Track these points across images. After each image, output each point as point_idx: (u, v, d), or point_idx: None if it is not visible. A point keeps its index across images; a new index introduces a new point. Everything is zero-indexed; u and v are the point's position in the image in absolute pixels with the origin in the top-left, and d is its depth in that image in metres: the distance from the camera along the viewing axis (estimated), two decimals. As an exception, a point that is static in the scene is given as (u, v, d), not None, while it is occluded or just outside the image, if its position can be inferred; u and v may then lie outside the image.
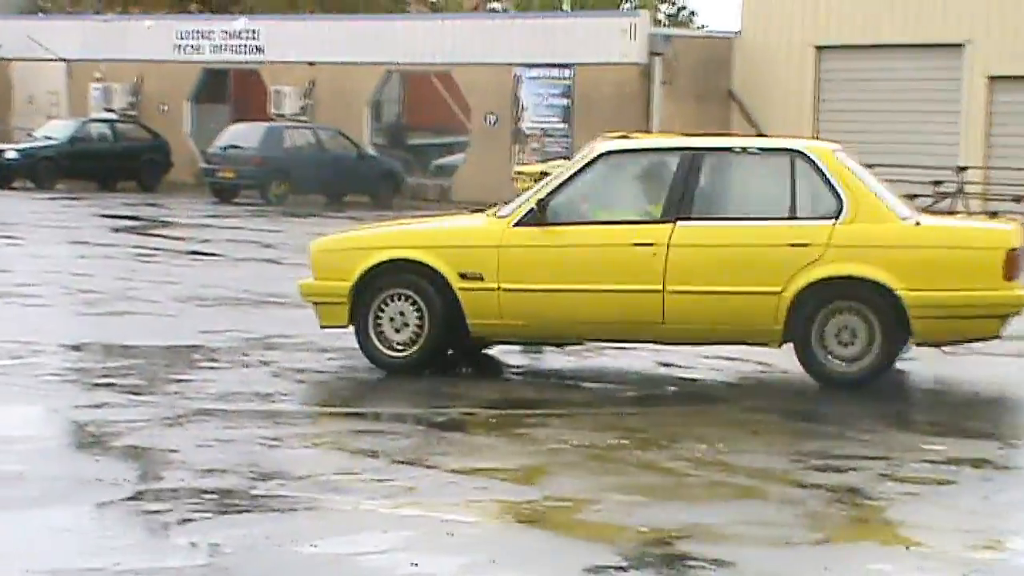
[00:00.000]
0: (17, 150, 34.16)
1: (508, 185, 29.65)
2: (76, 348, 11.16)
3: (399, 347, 10.07)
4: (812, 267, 9.57)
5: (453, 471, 7.37)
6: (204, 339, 11.61)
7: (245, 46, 36.78)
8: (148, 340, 11.61)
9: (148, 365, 10.53)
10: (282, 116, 34.95)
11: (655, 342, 10.31)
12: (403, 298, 10.03)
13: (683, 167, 9.92)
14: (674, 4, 58.49)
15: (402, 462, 7.57)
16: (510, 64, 33.02)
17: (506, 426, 8.60)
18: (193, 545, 6.01)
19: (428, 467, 7.44)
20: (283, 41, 36.24)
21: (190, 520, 6.43)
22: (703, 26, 56.59)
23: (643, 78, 31.63)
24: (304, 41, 35.99)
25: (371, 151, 33.90)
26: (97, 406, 8.85)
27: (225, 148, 31.73)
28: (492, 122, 33.15)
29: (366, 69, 34.96)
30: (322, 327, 10.43)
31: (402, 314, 10.02)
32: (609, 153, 10.23)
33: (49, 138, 34.61)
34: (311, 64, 35.61)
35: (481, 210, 10.79)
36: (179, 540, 6.13)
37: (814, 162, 9.85)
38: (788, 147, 10.12)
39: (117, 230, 22.40)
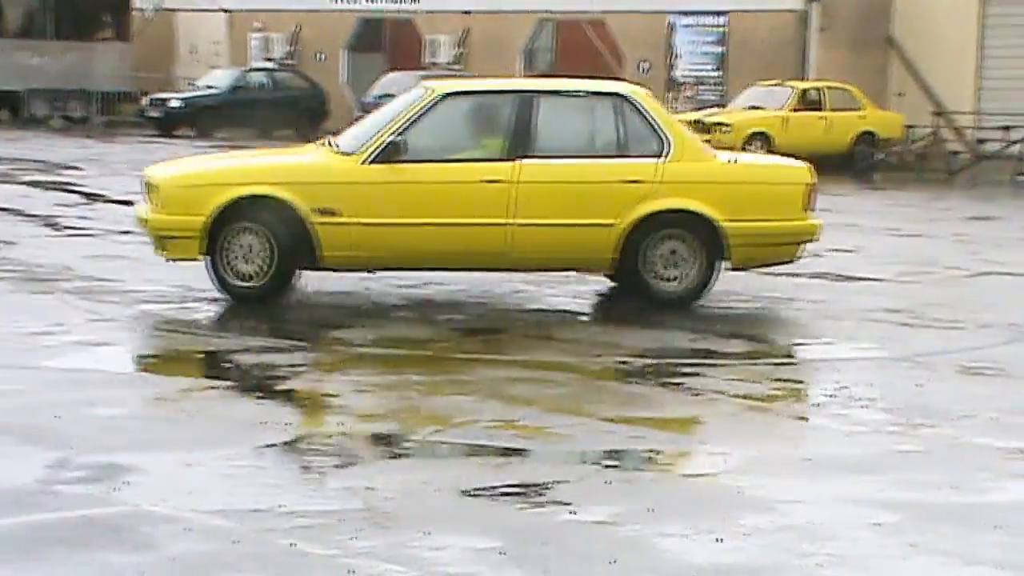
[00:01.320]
0: (180, 99, 34.81)
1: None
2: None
3: (247, 278, 10.56)
4: (644, 201, 10.50)
5: (608, 419, 7.38)
6: (362, 287, 11.74)
7: (400, -6, 36.93)
8: (310, 285, 11.78)
9: (311, 311, 10.69)
10: (436, 65, 35.09)
11: (500, 270, 11.02)
12: (252, 231, 10.47)
13: (520, 108, 10.70)
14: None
15: (557, 410, 7.59)
16: (664, 11, 32.73)
17: (661, 375, 8.59)
18: (352, 489, 6.11)
19: (583, 415, 7.46)
20: (438, -11, 36.32)
21: (350, 464, 6.53)
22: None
23: (799, 24, 31.14)
24: (458, -11, 36.03)
25: (524, 99, 33.89)
26: (259, 350, 9.02)
27: (380, 97, 31.91)
28: (645, 70, 32.91)
29: (519, 17, 34.91)
30: (168, 260, 10.80)
31: (251, 247, 10.50)
32: (448, 95, 10.87)
33: (210, 87, 35.21)
34: (465, 13, 35.67)
35: (311, 142, 11.21)
36: (339, 484, 6.23)
37: (637, 105, 10.79)
38: (613, 91, 11.01)
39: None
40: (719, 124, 27.50)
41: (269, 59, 37.95)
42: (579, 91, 11.05)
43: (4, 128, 33.16)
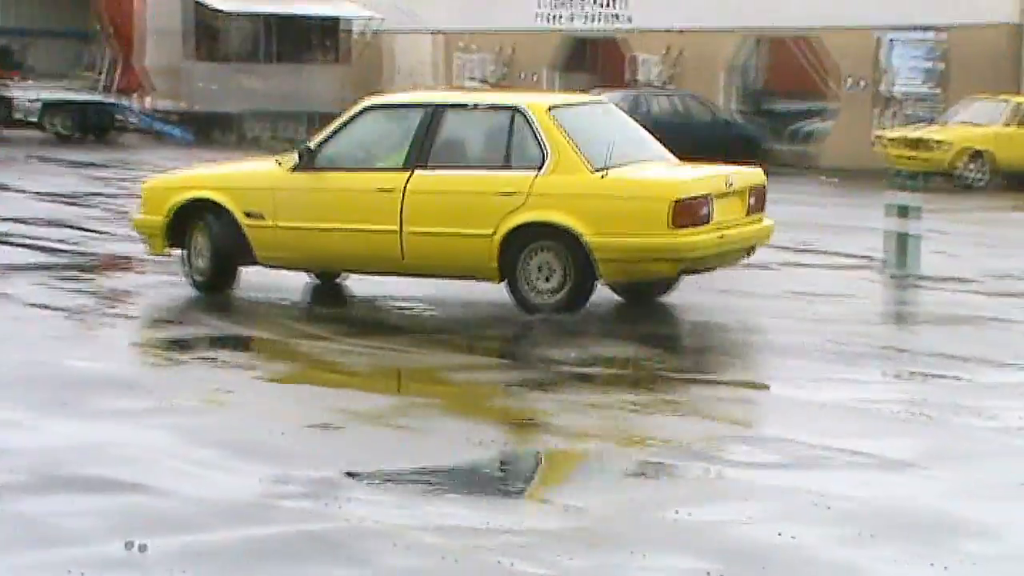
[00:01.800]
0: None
1: (869, 151, 28.96)
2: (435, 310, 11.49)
3: (199, 273, 11.60)
4: (515, 213, 10.64)
5: (823, 447, 7.27)
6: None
7: (609, 14, 37.03)
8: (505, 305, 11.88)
9: (520, 330, 10.76)
10: (643, 83, 35.07)
11: (398, 275, 11.46)
12: (202, 231, 11.53)
13: (425, 121, 11.17)
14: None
15: (767, 435, 7.51)
16: (875, 27, 32.18)
17: (886, 402, 8.43)
18: (564, 507, 6.12)
19: (792, 440, 7.35)
20: (646, 9, 36.29)
21: (561, 483, 6.55)
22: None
23: (1015, 38, 30.33)
24: (667, 8, 35.96)
25: (731, 117, 33.66)
26: (467, 368, 9.11)
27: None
28: (855, 87, 32.40)
29: (727, 35, 34.69)
30: (151, 254, 12.03)
31: (201, 245, 11.55)
32: (371, 107, 11.65)
33: (419, 107, 35.71)
34: (673, 31, 35.57)
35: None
36: (550, 501, 6.25)
37: (528, 117, 10.90)
38: (509, 104, 11.21)
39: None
40: (934, 141, 26.92)
41: (478, 80, 38.37)
42: (480, 104, 11.40)
43: (223, 150, 34.13)
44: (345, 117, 11.60)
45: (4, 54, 35.56)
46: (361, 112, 11.56)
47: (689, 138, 31.19)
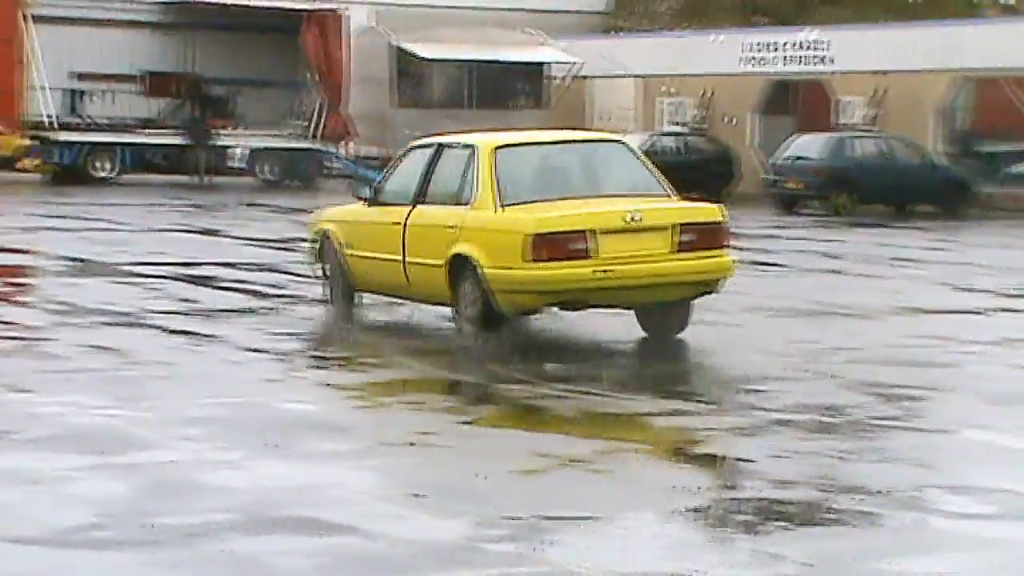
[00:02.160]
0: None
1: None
2: (648, 355, 11.47)
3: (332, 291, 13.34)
4: (453, 245, 11.57)
5: (1005, 490, 7.08)
6: (779, 350, 11.66)
7: (811, 57, 36.70)
8: (719, 351, 11.80)
9: (720, 375, 10.69)
10: (847, 126, 34.65)
11: (414, 300, 12.66)
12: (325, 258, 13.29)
13: (431, 159, 12.35)
14: None
15: (975, 485, 7.33)
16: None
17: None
18: (767, 556, 6.06)
19: (1001, 490, 7.16)
20: (850, 50, 35.89)
21: (766, 532, 6.48)
22: None
23: None
24: (872, 50, 35.51)
25: (939, 159, 33.02)
26: (671, 414, 9.08)
27: (791, 159, 31.78)
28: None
29: (935, 76, 34.09)
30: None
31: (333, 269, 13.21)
32: (413, 148, 13.02)
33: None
34: (879, 73, 35.09)
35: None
36: (756, 550, 6.19)
37: (476, 155, 11.74)
38: (470, 143, 12.12)
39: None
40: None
41: (678, 123, 38.34)
42: (459, 144, 12.32)
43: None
44: (399, 154, 13.19)
45: (219, 104, 36.69)
46: (408, 151, 13.03)
47: (897, 181, 30.84)
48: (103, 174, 34.49)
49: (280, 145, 35.96)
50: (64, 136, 34.24)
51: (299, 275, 16.09)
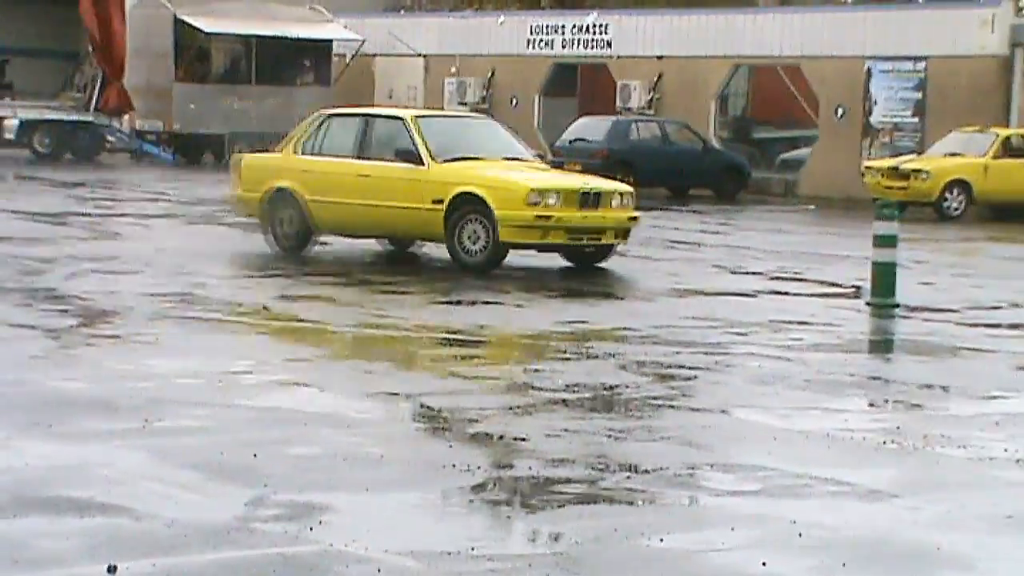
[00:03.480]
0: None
1: (856, 180, 29.06)
2: (429, 336, 11.51)
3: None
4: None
5: (802, 475, 7.29)
6: (551, 329, 11.80)
7: (594, 41, 37.16)
8: (499, 328, 11.89)
9: (498, 353, 10.77)
10: (629, 110, 35.18)
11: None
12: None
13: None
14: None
15: (746, 463, 7.52)
16: (861, 57, 32.34)
17: (865, 432, 8.44)
18: (540, 534, 6.13)
19: (771, 468, 7.37)
20: (631, 35, 36.44)
21: (539, 509, 6.56)
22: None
23: (1002, 70, 30.48)
24: (652, 35, 36.11)
25: (716, 144, 33.75)
26: (449, 393, 9.11)
27: (572, 141, 32.13)
28: (841, 116, 32.54)
29: (713, 62, 34.82)
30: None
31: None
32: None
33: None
34: (659, 58, 35.70)
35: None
36: (528, 528, 6.26)
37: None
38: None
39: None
40: (917, 171, 27.04)
41: (464, 103, 38.44)
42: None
43: (208, 171, 34.13)
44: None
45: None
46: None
47: (675, 165, 31.43)
48: None
49: (54, 117, 35.00)
50: None
51: (71, 252, 15.71)
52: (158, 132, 36.72)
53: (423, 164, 15.61)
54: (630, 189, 16.27)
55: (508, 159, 16.31)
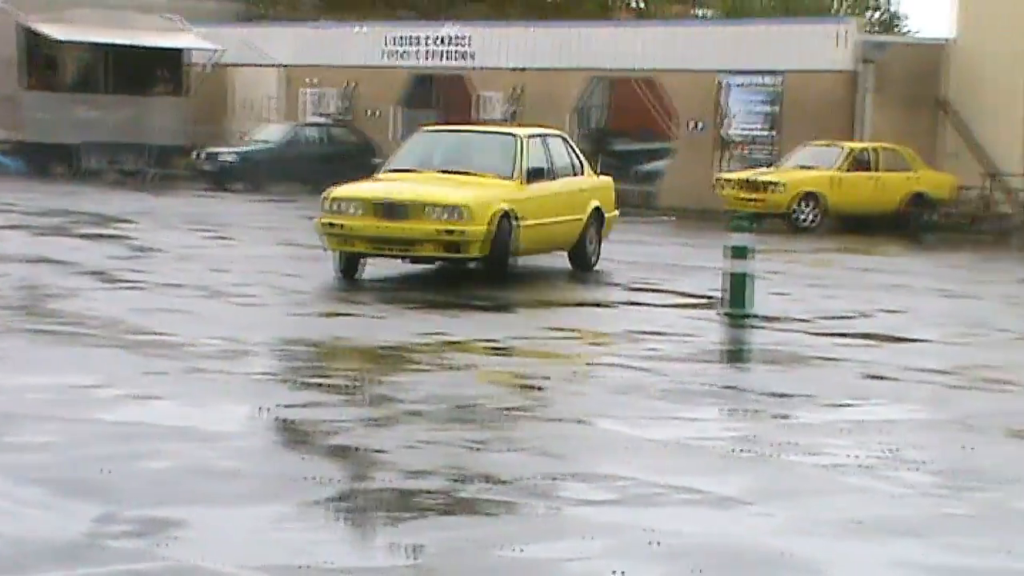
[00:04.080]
0: (234, 153, 35.13)
1: (711, 192, 29.45)
2: (286, 347, 11.42)
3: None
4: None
5: (657, 484, 7.36)
6: (410, 341, 11.78)
7: (453, 52, 37.20)
8: (357, 340, 11.84)
9: (356, 365, 10.72)
10: (487, 121, 35.25)
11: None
12: None
13: None
14: (884, 11, 57.38)
15: (602, 472, 7.57)
16: (716, 70, 32.79)
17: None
18: (398, 546, 6.11)
19: (626, 477, 7.43)
20: (490, 47, 36.55)
21: (395, 521, 6.54)
22: (909, 31, 55.37)
23: (851, 85, 31.12)
24: (511, 47, 36.26)
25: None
26: (306, 405, 9.05)
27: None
28: (697, 128, 32.96)
29: (571, 75, 35.06)
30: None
31: None
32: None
33: (264, 141, 35.52)
34: (517, 70, 35.86)
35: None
36: (385, 541, 6.24)
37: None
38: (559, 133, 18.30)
39: (326, 232, 22.82)
40: (770, 183, 27.47)
41: (323, 114, 38.24)
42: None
43: (59, 182, 33.53)
44: None
45: None
46: None
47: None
48: None
49: None
50: None
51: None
52: (6, 141, 35.98)
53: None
54: (465, 203, 15.70)
55: (460, 173, 16.54)
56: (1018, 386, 10.66)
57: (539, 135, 17.81)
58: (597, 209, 17.82)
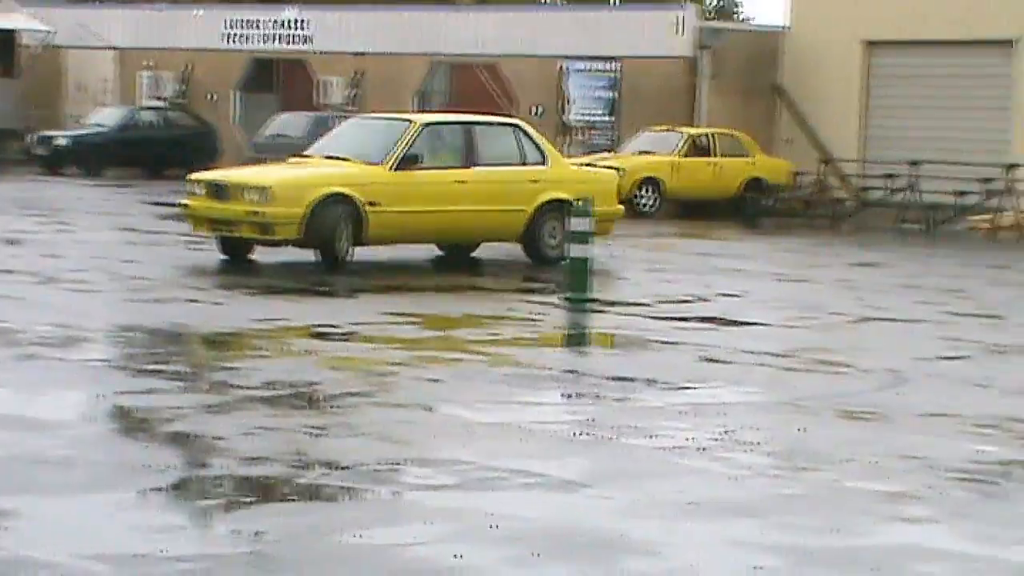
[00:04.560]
0: (67, 136, 34.42)
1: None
2: (123, 334, 11.25)
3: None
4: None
5: (495, 468, 7.40)
6: (250, 327, 11.68)
7: (293, 36, 36.89)
8: (195, 327, 11.71)
9: (194, 352, 10.60)
10: (328, 106, 35.05)
11: (462, 242, 17.37)
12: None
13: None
14: (722, -2, 58.20)
15: (440, 457, 7.59)
16: (556, 56, 32.99)
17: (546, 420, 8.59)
18: (237, 533, 6.06)
19: (464, 461, 7.45)
20: (331, 31, 36.32)
21: (235, 508, 6.48)
22: (746, 18, 56.29)
23: (690, 71, 31.54)
24: (352, 31, 36.07)
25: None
26: (144, 392, 8.92)
27: (273, 136, 31.85)
28: (538, 114, 33.13)
29: (413, 60, 35.01)
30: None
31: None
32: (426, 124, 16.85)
33: (99, 125, 34.85)
34: (358, 54, 35.69)
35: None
36: (223, 528, 6.18)
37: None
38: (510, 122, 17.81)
39: (164, 217, 22.54)
40: (611, 168, 27.71)
41: (159, 98, 37.65)
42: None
43: None
44: (412, 133, 16.65)
45: None
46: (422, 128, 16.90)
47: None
48: None
49: None
50: None
51: None
52: None
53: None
54: (269, 184, 15.60)
55: (336, 159, 16.47)
56: (851, 368, 10.91)
57: (456, 121, 17.41)
58: (558, 201, 16.73)
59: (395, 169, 16.18)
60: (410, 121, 17.09)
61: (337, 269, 15.61)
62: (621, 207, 18.46)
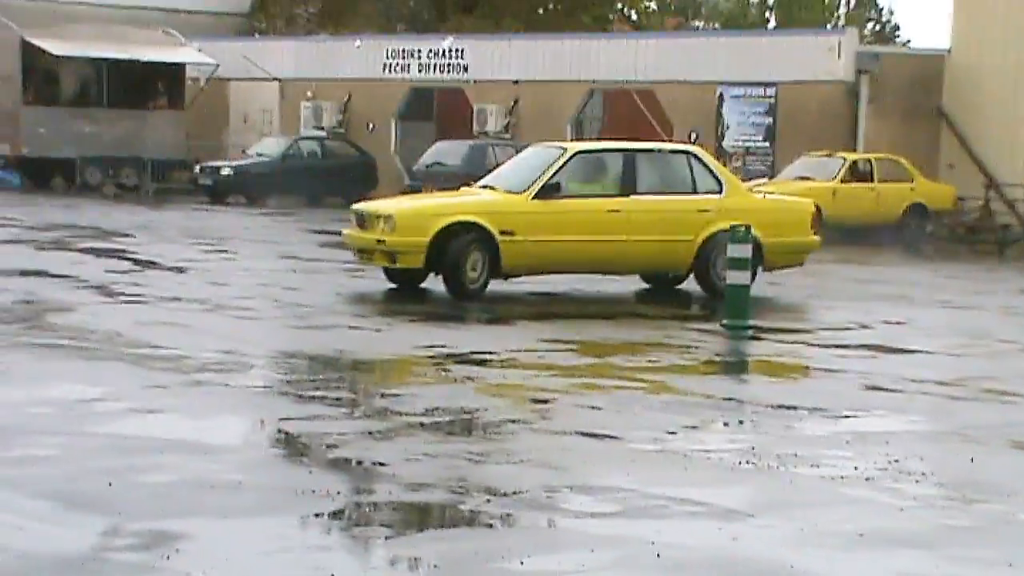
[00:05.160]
0: (232, 167, 35.16)
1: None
2: (286, 360, 11.42)
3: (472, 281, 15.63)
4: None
5: (658, 496, 7.35)
6: (411, 353, 11.78)
7: (451, 65, 37.25)
8: (357, 353, 11.84)
9: (357, 378, 10.72)
10: (485, 134, 35.30)
11: (618, 273, 16.90)
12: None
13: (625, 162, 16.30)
14: (880, 21, 57.49)
15: (603, 485, 7.57)
16: (712, 82, 32.84)
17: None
18: (400, 559, 6.10)
19: (626, 489, 7.42)
20: (488, 60, 36.60)
21: (399, 535, 6.53)
22: (907, 41, 55.46)
23: (849, 96, 31.16)
24: (508, 60, 36.31)
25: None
26: (307, 418, 9.04)
27: (430, 165, 32.16)
28: (694, 140, 32.99)
29: (569, 87, 35.11)
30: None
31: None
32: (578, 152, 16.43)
33: (261, 155, 35.55)
34: (515, 83, 35.90)
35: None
36: (387, 553, 6.23)
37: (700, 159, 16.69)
38: (682, 149, 17.12)
39: (324, 245, 22.87)
40: (768, 195, 27.46)
41: (320, 128, 38.28)
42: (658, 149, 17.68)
43: (58, 196, 33.54)
44: (560, 161, 16.21)
45: None
46: (572, 156, 16.30)
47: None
48: None
49: None
50: None
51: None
52: (5, 156, 36.01)
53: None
54: (392, 213, 15.66)
55: (486, 188, 16.37)
56: (1020, 397, 10.66)
57: (614, 149, 16.76)
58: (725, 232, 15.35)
59: (535, 198, 15.76)
60: (564, 149, 16.56)
61: (466, 298, 15.52)
62: (816, 238, 17.21)
